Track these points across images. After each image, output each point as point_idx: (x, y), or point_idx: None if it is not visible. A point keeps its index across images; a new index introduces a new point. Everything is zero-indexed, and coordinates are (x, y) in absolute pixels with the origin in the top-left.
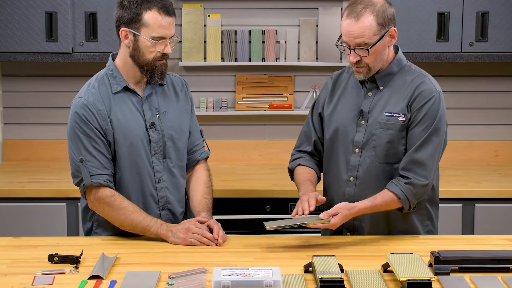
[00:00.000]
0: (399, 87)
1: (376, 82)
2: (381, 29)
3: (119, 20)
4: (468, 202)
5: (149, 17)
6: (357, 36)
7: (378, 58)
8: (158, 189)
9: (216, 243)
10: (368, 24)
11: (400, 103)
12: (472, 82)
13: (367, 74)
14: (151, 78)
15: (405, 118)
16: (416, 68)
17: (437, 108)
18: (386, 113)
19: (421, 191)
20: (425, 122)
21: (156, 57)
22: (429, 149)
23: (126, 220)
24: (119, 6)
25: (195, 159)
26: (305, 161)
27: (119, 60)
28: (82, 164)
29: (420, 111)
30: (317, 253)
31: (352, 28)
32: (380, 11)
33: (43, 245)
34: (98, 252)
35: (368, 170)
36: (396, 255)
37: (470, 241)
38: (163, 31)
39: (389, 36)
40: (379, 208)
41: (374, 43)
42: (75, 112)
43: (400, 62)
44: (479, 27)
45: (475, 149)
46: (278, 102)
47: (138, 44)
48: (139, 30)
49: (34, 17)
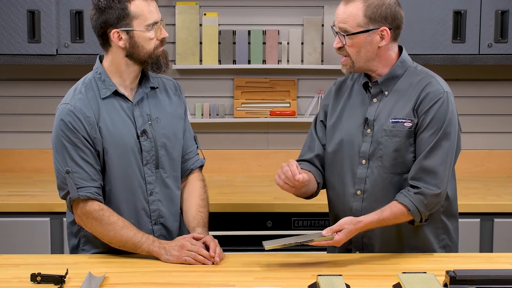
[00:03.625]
0: (404, 90)
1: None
2: (368, 23)
3: (104, 24)
4: (486, 217)
5: (135, 7)
6: (340, 20)
7: (361, 54)
8: (150, 202)
9: (213, 261)
10: (354, 12)
11: (406, 107)
12: (491, 86)
13: (350, 68)
14: (157, 69)
15: (412, 123)
16: (422, 69)
17: (445, 110)
18: (391, 120)
19: (433, 201)
20: (434, 126)
21: (156, 45)
22: (439, 155)
23: (116, 236)
24: (98, 11)
25: (189, 168)
26: (305, 165)
27: (108, 63)
28: (69, 175)
29: (427, 114)
30: (322, 272)
31: (339, 11)
32: (373, 5)
33: (25, 264)
34: (84, 271)
35: (376, 182)
36: (408, 274)
37: (489, 259)
38: (154, 15)
39: (379, 35)
40: (387, 221)
41: (354, 33)
42: (60, 120)
43: (405, 64)
44: (498, 27)
45: (494, 159)
46: (280, 109)
47: (134, 40)
48: (131, 25)
49: (15, 15)
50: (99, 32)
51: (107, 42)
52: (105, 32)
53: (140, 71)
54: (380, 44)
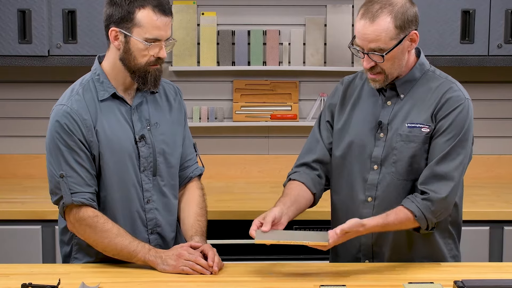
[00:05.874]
0: (422, 95)
1: (396, 89)
2: (400, 32)
3: (108, 18)
4: (496, 224)
5: (142, 16)
6: (371, 40)
7: (395, 64)
8: (147, 211)
9: (211, 271)
10: (384, 27)
11: (424, 112)
12: (501, 88)
13: (383, 82)
14: (143, 85)
15: (429, 129)
16: (441, 74)
17: (465, 117)
18: (408, 124)
19: (441, 207)
20: (451, 132)
21: (149, 62)
22: (453, 162)
23: (110, 244)
24: (109, 2)
25: (187, 176)
26: (298, 175)
27: (107, 64)
28: (63, 180)
29: (446, 119)
30: (326, 282)
31: (367, 30)
32: (400, 12)
33: (16, 273)
34: (77, 281)
35: (388, 188)
36: (414, 284)
37: (498, 269)
38: (158, 32)
39: (409, 40)
40: (391, 226)
41: (391, 48)
42: (56, 121)
43: (423, 67)
44: (508, 27)
45: (504, 164)
46: (281, 112)
47: (129, 46)
48: (131, 31)
49: (5, 15)
50: (104, 25)
51: (108, 39)
52: (108, 26)
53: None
54: (410, 48)
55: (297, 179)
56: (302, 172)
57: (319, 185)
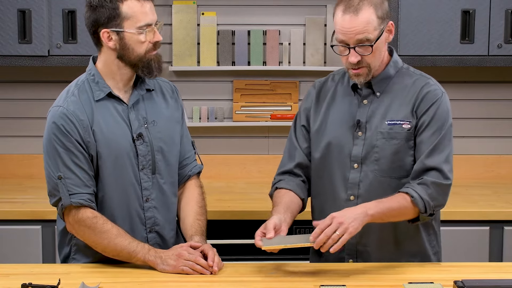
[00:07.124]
0: (399, 91)
1: (372, 87)
2: (381, 23)
3: (95, 23)
4: (496, 224)
5: (127, 8)
6: (358, 32)
7: (378, 57)
8: (146, 209)
9: (211, 271)
10: (369, 17)
11: (403, 109)
12: (501, 88)
13: (367, 76)
14: (149, 74)
15: (411, 125)
16: (415, 70)
17: (445, 109)
18: (388, 122)
19: (436, 190)
20: (434, 125)
21: (148, 49)
22: (442, 154)
23: (110, 245)
24: (90, 9)
25: (186, 174)
26: (284, 183)
27: (101, 64)
28: (61, 181)
29: (427, 114)
30: (326, 282)
31: (353, 24)
32: (378, 3)
33: (15, 274)
34: (77, 282)
35: (372, 186)
36: (414, 284)
37: (499, 269)
38: (147, 17)
39: (387, 31)
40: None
41: (377, 38)
42: (53, 123)
43: (397, 65)
44: (508, 27)
45: (504, 164)
46: (281, 112)
47: (125, 41)
48: (122, 26)
49: (5, 15)
50: (91, 31)
51: (99, 42)
52: (96, 31)
53: (133, 73)
54: (389, 40)
55: (285, 187)
56: (287, 180)
57: (305, 190)
